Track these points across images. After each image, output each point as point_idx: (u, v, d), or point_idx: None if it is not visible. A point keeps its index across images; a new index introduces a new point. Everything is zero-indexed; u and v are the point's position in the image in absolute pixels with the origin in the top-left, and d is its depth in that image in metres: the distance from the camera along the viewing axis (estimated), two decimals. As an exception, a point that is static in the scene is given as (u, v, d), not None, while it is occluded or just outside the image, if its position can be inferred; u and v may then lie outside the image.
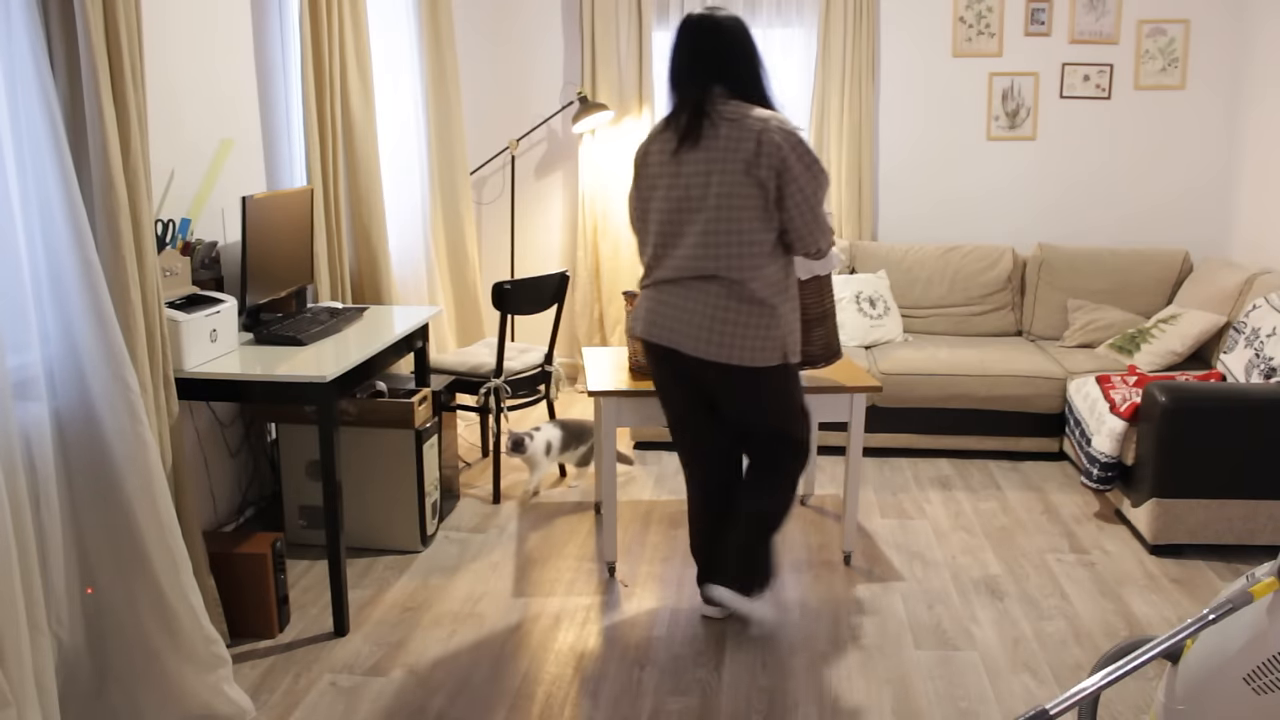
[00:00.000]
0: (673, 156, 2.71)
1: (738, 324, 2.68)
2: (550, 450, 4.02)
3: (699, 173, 2.66)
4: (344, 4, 3.83)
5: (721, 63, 2.68)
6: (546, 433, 4.02)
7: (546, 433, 4.02)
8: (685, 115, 2.69)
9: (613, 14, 5.18)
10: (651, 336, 2.80)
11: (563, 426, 4.08)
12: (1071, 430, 4.17)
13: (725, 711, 2.59)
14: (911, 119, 5.24)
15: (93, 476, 2.38)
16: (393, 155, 4.63)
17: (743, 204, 2.63)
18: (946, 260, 5.03)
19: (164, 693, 2.46)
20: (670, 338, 2.75)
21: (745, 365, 2.70)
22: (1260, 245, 4.78)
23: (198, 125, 3.31)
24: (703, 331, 2.70)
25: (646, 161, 2.79)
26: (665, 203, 2.73)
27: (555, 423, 4.09)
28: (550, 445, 4.02)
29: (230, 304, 3.04)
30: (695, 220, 2.68)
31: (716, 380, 2.78)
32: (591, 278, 5.49)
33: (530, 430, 3.97)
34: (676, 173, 2.70)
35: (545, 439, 4.00)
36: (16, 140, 2.22)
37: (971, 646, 2.91)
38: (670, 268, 2.75)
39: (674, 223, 2.73)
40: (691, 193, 2.68)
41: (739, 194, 2.62)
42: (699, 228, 2.68)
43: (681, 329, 2.72)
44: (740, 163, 2.61)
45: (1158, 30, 5.01)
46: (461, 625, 3.04)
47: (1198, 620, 1.70)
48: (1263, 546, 3.49)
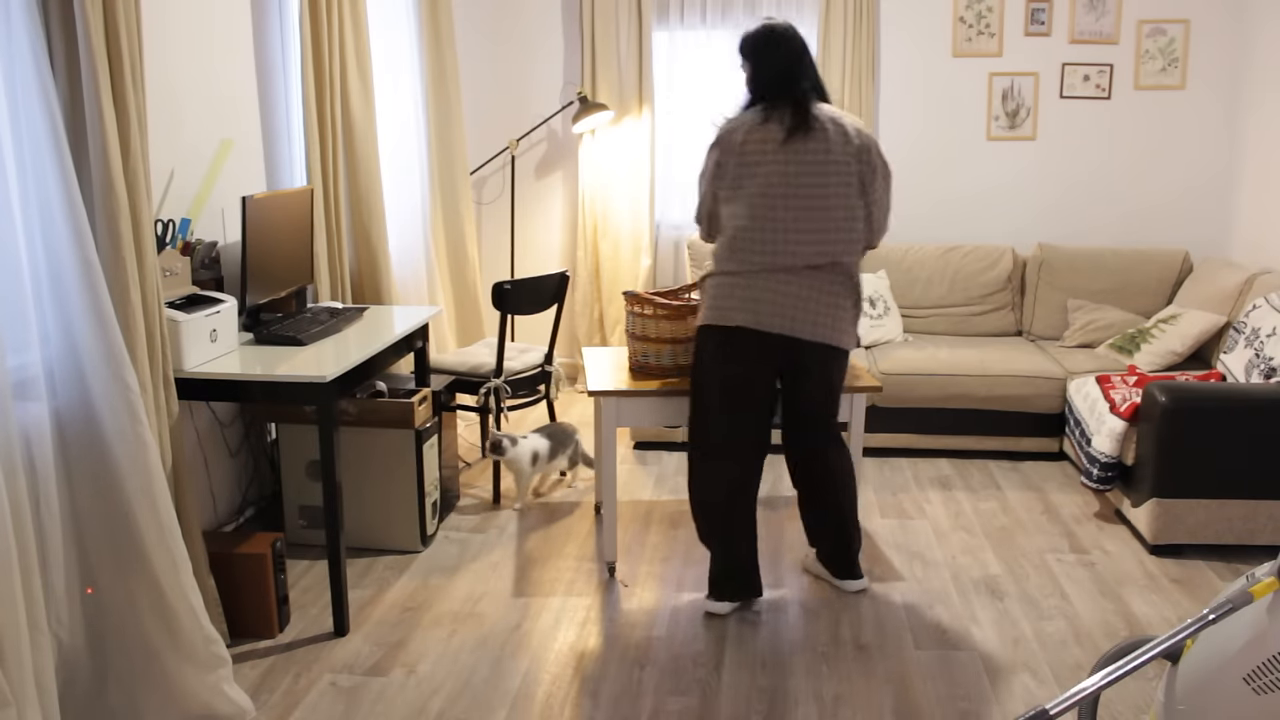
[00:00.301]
0: (781, 147, 2.80)
1: (844, 309, 2.90)
2: (538, 460, 3.90)
3: (814, 163, 2.80)
4: (344, 4, 3.83)
5: (805, 67, 2.91)
6: (533, 442, 3.89)
7: (533, 442, 3.89)
8: (789, 111, 2.83)
9: (613, 14, 5.18)
10: (763, 325, 2.83)
11: (549, 435, 3.97)
12: (1071, 430, 4.17)
13: (725, 711, 2.59)
14: (911, 119, 5.24)
15: (93, 476, 2.38)
16: (393, 155, 4.63)
17: (852, 197, 2.85)
18: (946, 260, 5.03)
19: (164, 693, 2.46)
20: (788, 325, 2.84)
21: (843, 348, 2.94)
22: (1260, 245, 4.78)
23: (198, 125, 3.31)
24: (821, 317, 2.86)
25: (744, 150, 2.83)
26: (771, 191, 2.80)
27: (541, 431, 3.98)
28: (538, 455, 3.90)
29: (230, 304, 3.04)
30: (812, 210, 2.81)
31: (813, 365, 2.93)
32: (591, 278, 5.49)
33: (514, 436, 3.86)
34: (786, 162, 2.80)
35: (532, 448, 3.87)
36: (16, 140, 2.22)
37: (971, 646, 2.91)
38: (785, 255, 2.82)
39: (783, 211, 2.81)
40: (804, 182, 2.80)
41: (850, 188, 2.84)
42: (818, 217, 2.81)
43: (801, 315, 2.84)
44: (849, 158, 2.83)
45: (1158, 30, 5.01)
46: (461, 625, 3.04)
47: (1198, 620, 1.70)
48: (1263, 546, 3.49)
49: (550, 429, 4.01)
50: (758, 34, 2.91)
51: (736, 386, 2.93)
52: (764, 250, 2.83)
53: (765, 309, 2.83)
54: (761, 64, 2.90)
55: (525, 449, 3.85)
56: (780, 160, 2.80)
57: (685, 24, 5.26)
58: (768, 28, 2.91)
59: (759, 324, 2.84)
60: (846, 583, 3.24)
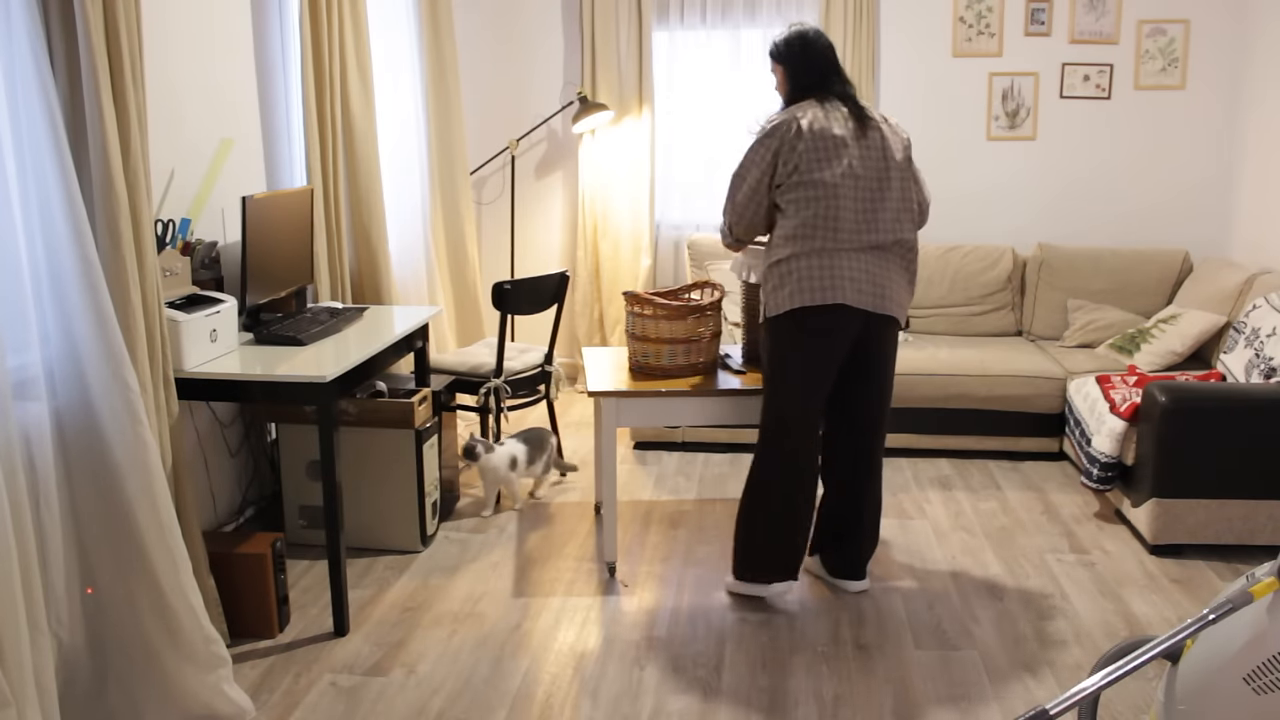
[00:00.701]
0: (853, 134, 2.93)
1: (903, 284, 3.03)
2: (516, 465, 3.84)
3: (878, 148, 2.94)
4: (344, 4, 3.83)
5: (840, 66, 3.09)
6: (511, 448, 3.83)
7: (511, 448, 3.83)
8: (841, 104, 2.98)
9: (613, 14, 5.18)
10: (849, 300, 2.89)
11: (526, 440, 3.91)
12: (1071, 430, 4.17)
13: (725, 711, 2.59)
14: (911, 119, 5.23)
15: (93, 476, 2.38)
16: (393, 155, 4.63)
17: (909, 183, 3.01)
18: (946, 260, 5.03)
19: (164, 693, 2.46)
20: (869, 300, 2.92)
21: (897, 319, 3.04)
22: (1260, 245, 4.78)
23: (198, 125, 3.31)
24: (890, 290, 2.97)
25: (814, 136, 2.90)
26: (852, 173, 2.90)
27: (518, 436, 3.92)
28: (516, 460, 3.83)
29: (230, 304, 3.04)
30: (886, 191, 2.94)
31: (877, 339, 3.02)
32: (591, 278, 5.49)
33: (488, 442, 3.79)
34: (861, 148, 2.93)
35: (509, 454, 3.81)
36: (16, 140, 2.22)
37: (971, 646, 2.91)
38: (869, 233, 2.92)
39: (863, 193, 2.92)
40: (874, 168, 2.93)
41: (907, 175, 3.00)
42: (894, 196, 2.95)
43: (878, 290, 2.94)
44: (901, 149, 3.00)
45: (1158, 30, 5.01)
46: (461, 625, 3.04)
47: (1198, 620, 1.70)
48: (1263, 546, 3.49)
49: (527, 434, 3.95)
50: (794, 37, 3.04)
51: (816, 370, 2.98)
52: (844, 230, 2.90)
53: (850, 286, 2.90)
54: (802, 64, 3.03)
55: (502, 455, 3.79)
56: (856, 146, 2.92)
57: (685, 24, 5.26)
58: (801, 31, 3.04)
59: (848, 299, 2.90)
60: (849, 583, 3.24)
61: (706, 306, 3.33)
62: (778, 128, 2.92)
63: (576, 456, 4.54)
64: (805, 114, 2.93)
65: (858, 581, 3.23)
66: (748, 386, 3.23)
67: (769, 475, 3.03)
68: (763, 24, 5.20)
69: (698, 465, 4.43)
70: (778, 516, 3.05)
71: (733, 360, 3.48)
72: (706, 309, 3.33)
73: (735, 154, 5.31)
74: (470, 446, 3.75)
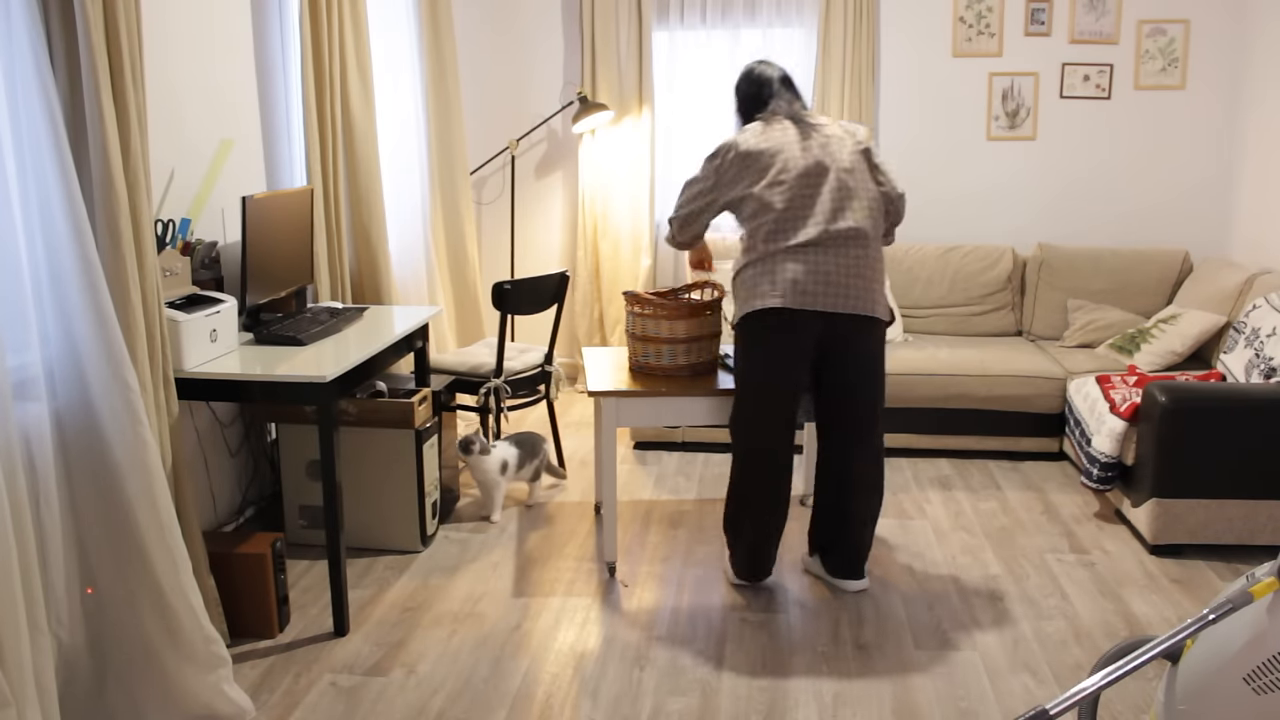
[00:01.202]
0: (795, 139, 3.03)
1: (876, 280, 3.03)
2: (506, 469, 3.81)
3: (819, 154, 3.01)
4: (344, 4, 3.83)
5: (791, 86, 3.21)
6: (503, 451, 3.79)
7: (503, 451, 3.79)
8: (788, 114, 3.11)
9: (613, 14, 5.18)
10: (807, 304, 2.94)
11: (517, 443, 3.87)
12: (1071, 430, 4.17)
13: (725, 711, 2.59)
14: (911, 119, 5.24)
15: (93, 476, 2.38)
16: (393, 155, 4.63)
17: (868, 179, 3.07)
18: (946, 260, 5.03)
19: (164, 693, 2.46)
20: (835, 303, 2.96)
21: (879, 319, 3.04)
22: (1260, 245, 4.78)
23: (198, 125, 3.31)
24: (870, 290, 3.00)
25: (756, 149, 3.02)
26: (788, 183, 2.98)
27: (509, 439, 3.88)
28: (506, 464, 3.79)
29: (230, 304, 3.04)
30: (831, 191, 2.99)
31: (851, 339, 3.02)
32: (591, 278, 5.49)
33: (486, 443, 3.74)
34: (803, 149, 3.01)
35: (501, 458, 3.77)
36: (16, 140, 2.22)
37: (971, 646, 2.91)
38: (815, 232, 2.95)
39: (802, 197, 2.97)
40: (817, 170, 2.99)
41: (863, 170, 3.06)
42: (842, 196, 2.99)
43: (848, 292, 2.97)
44: (852, 145, 3.07)
45: (1158, 30, 5.01)
46: (461, 625, 3.04)
47: (1198, 620, 1.70)
48: (1263, 546, 3.49)
49: (519, 437, 3.92)
50: (741, 74, 3.23)
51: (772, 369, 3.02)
52: (791, 231, 2.96)
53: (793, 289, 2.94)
54: (744, 94, 3.20)
55: (495, 458, 3.77)
56: (798, 148, 3.01)
57: (685, 24, 5.26)
58: (748, 68, 3.22)
59: (788, 303, 2.94)
60: (847, 582, 3.24)
61: (706, 306, 3.33)
62: (720, 149, 3.09)
63: (576, 457, 4.54)
64: (745, 134, 3.08)
65: (856, 581, 3.24)
66: (748, 386, 3.23)
67: (732, 475, 3.17)
68: (762, 24, 5.20)
69: (698, 465, 4.43)
70: (736, 517, 3.18)
71: (732, 360, 3.48)
72: (706, 309, 3.33)
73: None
74: (468, 441, 3.72)
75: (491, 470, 3.77)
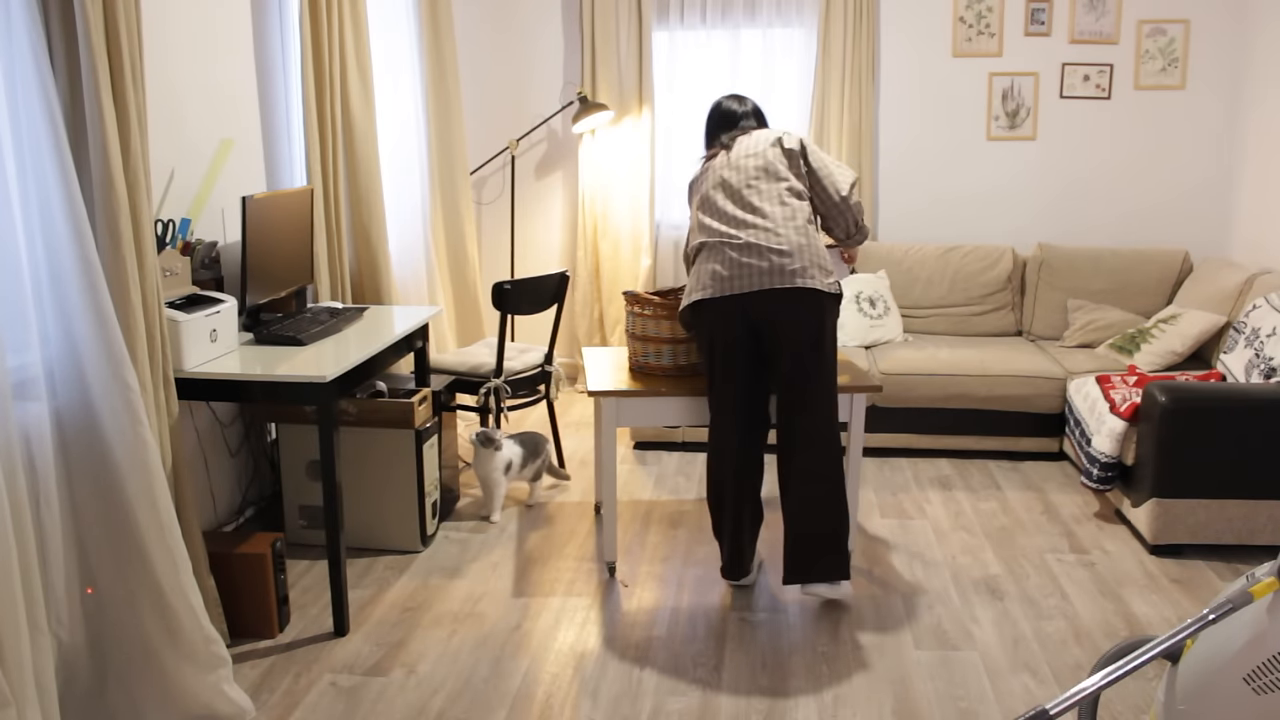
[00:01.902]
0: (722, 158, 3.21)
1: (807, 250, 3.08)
2: (510, 469, 3.81)
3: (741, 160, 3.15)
4: (344, 4, 3.83)
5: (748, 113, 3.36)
6: (508, 450, 3.78)
7: (508, 450, 3.78)
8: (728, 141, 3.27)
9: (613, 14, 5.18)
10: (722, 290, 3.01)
11: (520, 443, 3.86)
12: (1071, 430, 4.17)
13: (725, 711, 2.59)
14: (911, 119, 5.24)
15: (93, 476, 2.38)
16: (393, 155, 4.63)
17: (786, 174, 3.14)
18: (946, 260, 5.03)
19: (164, 693, 2.46)
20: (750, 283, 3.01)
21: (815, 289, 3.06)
22: (1260, 245, 4.78)
23: (198, 125, 3.31)
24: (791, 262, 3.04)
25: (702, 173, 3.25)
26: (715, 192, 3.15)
27: (512, 438, 3.87)
28: (510, 464, 3.79)
29: (230, 304, 3.04)
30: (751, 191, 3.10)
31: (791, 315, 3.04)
32: (591, 278, 5.49)
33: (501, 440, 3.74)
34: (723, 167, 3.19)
35: (506, 457, 3.77)
36: (16, 140, 2.22)
37: (971, 646, 2.91)
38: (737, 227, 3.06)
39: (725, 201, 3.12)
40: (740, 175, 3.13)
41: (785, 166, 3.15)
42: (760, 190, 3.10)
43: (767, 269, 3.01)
44: (770, 145, 3.16)
45: (1158, 30, 5.01)
46: (461, 625, 3.04)
47: (1198, 620, 1.70)
48: (1263, 546, 3.49)
49: (522, 437, 3.91)
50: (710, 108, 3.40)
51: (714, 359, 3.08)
52: (709, 232, 3.08)
53: (712, 281, 3.01)
54: (707, 125, 3.39)
55: (502, 456, 3.76)
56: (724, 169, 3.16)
57: (685, 24, 5.26)
58: (715, 102, 3.38)
59: (707, 294, 3.01)
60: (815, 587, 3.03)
61: (706, 306, 3.33)
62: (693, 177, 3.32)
63: (576, 457, 4.54)
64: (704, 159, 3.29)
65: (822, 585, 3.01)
66: (748, 386, 3.23)
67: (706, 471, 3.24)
68: (762, 24, 5.20)
69: (698, 465, 4.43)
70: (713, 513, 3.20)
71: None
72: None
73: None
74: (488, 435, 3.71)
75: (497, 468, 3.77)
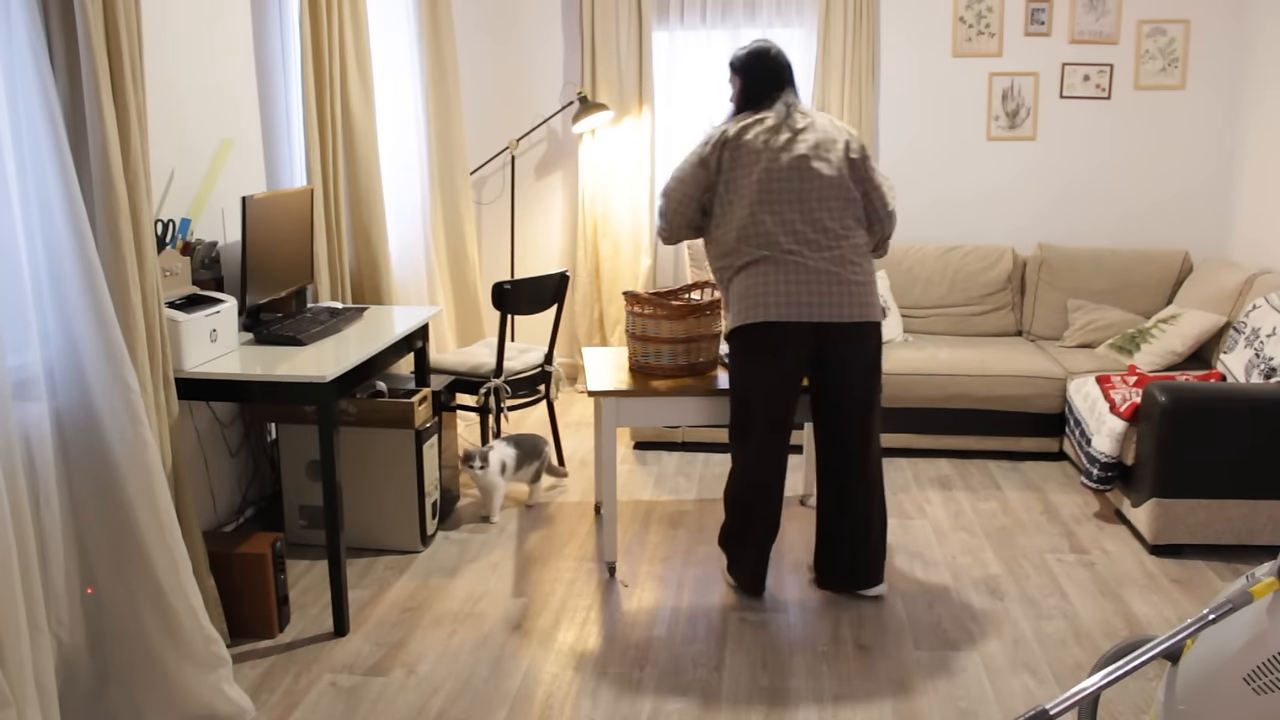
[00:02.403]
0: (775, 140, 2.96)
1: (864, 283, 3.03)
2: (505, 470, 3.78)
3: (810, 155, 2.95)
4: (344, 4, 3.83)
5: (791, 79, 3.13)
6: (500, 452, 3.77)
7: (500, 452, 3.77)
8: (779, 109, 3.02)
9: (613, 14, 5.18)
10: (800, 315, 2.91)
11: (516, 444, 3.85)
12: (1071, 430, 4.17)
13: (725, 711, 2.59)
14: (911, 119, 5.24)
15: (93, 476, 2.38)
16: (393, 155, 4.63)
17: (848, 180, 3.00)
18: (946, 260, 5.03)
19: (164, 693, 2.46)
20: (826, 312, 2.94)
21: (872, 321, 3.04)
22: (1260, 245, 4.78)
23: (198, 125, 3.31)
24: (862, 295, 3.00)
25: (737, 145, 2.98)
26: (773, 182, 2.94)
27: (508, 440, 3.85)
28: (505, 465, 3.78)
29: (230, 304, 3.04)
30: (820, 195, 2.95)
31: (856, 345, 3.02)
32: (591, 278, 5.49)
33: (486, 453, 3.72)
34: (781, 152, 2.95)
35: (499, 459, 3.76)
36: (16, 140, 2.22)
37: (971, 646, 2.91)
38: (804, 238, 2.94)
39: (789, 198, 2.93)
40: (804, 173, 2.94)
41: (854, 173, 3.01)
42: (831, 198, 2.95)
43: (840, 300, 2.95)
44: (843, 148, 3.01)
45: (1158, 30, 5.01)
46: (461, 625, 3.04)
47: (1198, 620, 1.70)
48: (1263, 546, 3.49)
49: (519, 438, 3.89)
50: (755, 51, 3.11)
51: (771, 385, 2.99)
52: (774, 238, 2.93)
53: (785, 300, 2.91)
54: (751, 74, 3.10)
55: (493, 461, 3.74)
56: (775, 152, 2.95)
57: (685, 24, 5.26)
58: (764, 47, 3.11)
59: (782, 315, 2.91)
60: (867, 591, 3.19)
61: (706, 306, 3.33)
62: (711, 136, 3.04)
63: (576, 457, 4.54)
64: (740, 125, 3.01)
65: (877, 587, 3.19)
66: (748, 386, 3.23)
67: (729, 481, 3.16)
68: (762, 24, 5.20)
69: (698, 465, 4.43)
70: (734, 525, 3.16)
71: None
72: (706, 309, 3.33)
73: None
74: (470, 455, 3.68)
75: (491, 474, 3.76)
